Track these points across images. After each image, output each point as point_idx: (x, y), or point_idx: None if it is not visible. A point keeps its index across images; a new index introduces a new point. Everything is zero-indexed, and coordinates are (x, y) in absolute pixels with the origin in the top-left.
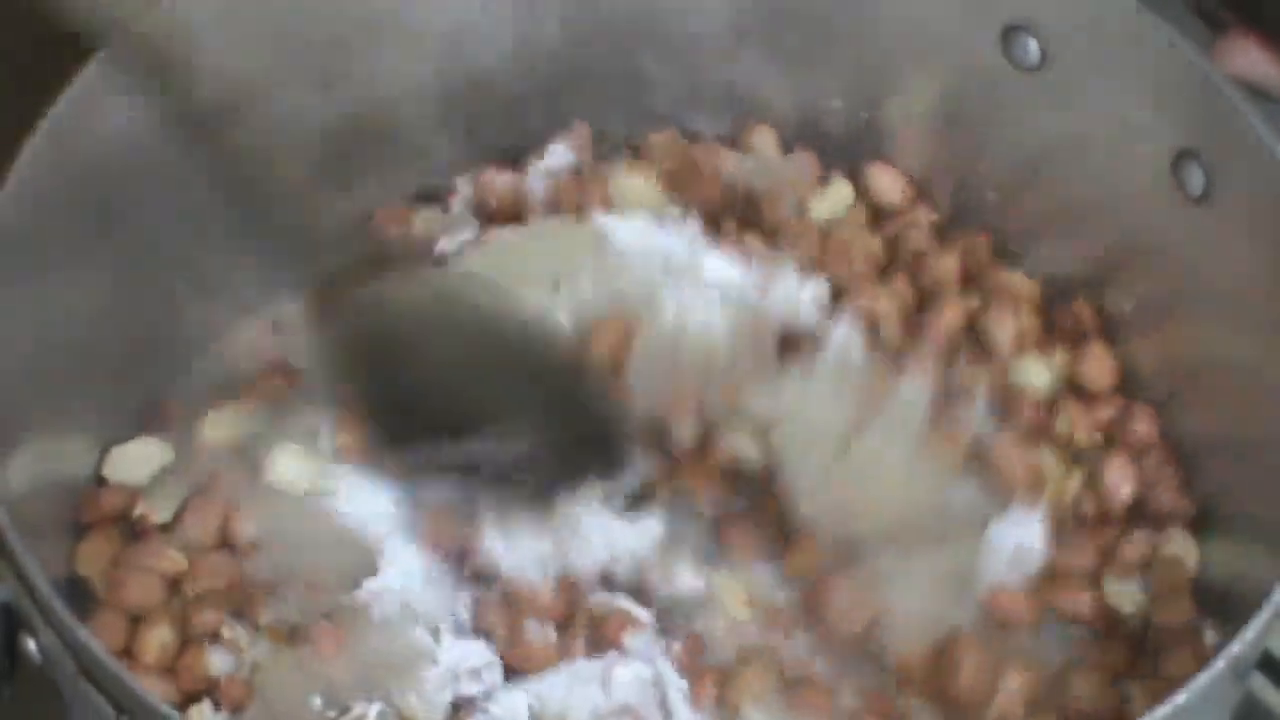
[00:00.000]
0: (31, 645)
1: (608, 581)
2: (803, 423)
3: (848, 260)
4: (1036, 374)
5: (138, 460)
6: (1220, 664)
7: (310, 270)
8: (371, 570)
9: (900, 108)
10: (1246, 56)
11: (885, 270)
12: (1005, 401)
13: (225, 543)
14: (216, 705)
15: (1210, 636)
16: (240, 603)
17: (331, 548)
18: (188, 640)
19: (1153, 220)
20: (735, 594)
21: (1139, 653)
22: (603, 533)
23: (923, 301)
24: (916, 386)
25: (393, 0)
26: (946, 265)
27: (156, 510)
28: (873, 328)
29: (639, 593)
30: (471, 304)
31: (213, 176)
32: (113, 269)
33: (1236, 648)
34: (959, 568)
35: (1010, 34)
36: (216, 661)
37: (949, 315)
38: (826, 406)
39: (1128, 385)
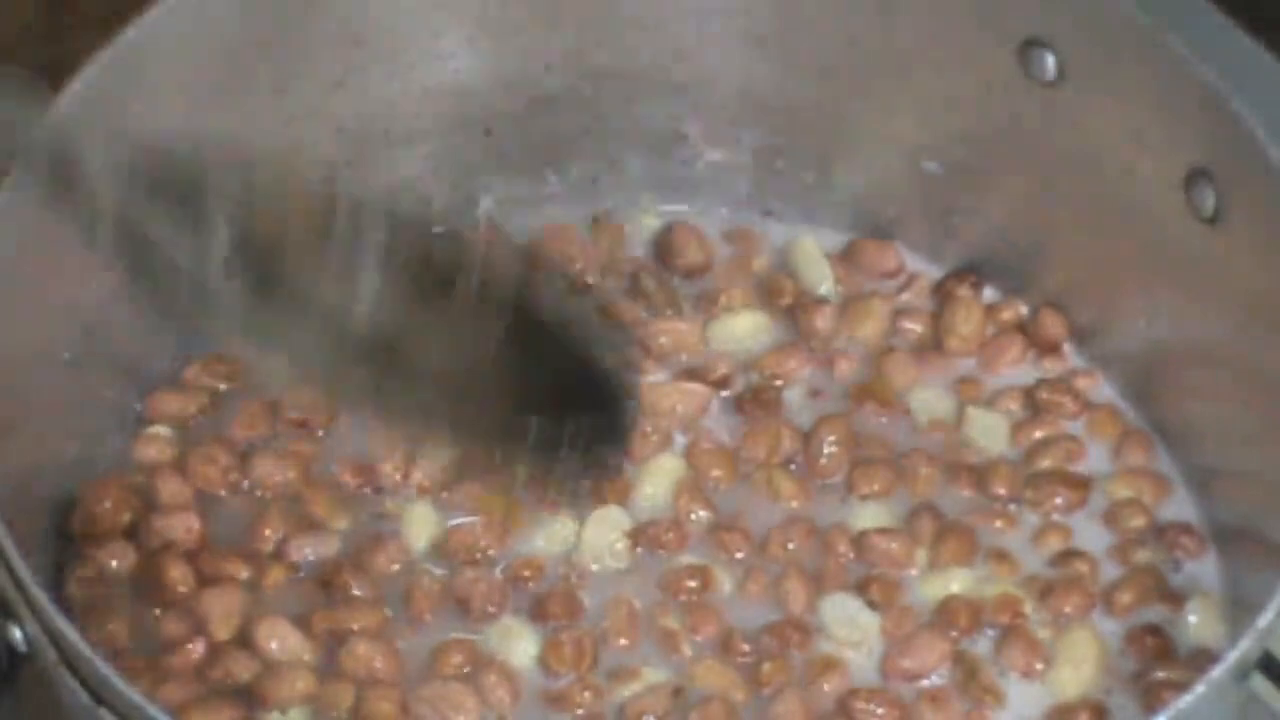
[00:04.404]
0: (17, 634)
1: None
2: None
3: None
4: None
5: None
6: (1223, 666)
7: None
8: None
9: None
10: None
11: None
12: None
13: None
14: None
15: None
16: None
17: None
18: None
19: (1164, 238)
20: None
21: None
22: None
23: None
24: None
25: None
26: None
27: None
28: None
29: None
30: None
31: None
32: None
33: (1239, 649)
34: None
35: (1028, 49)
36: None
37: None
38: None
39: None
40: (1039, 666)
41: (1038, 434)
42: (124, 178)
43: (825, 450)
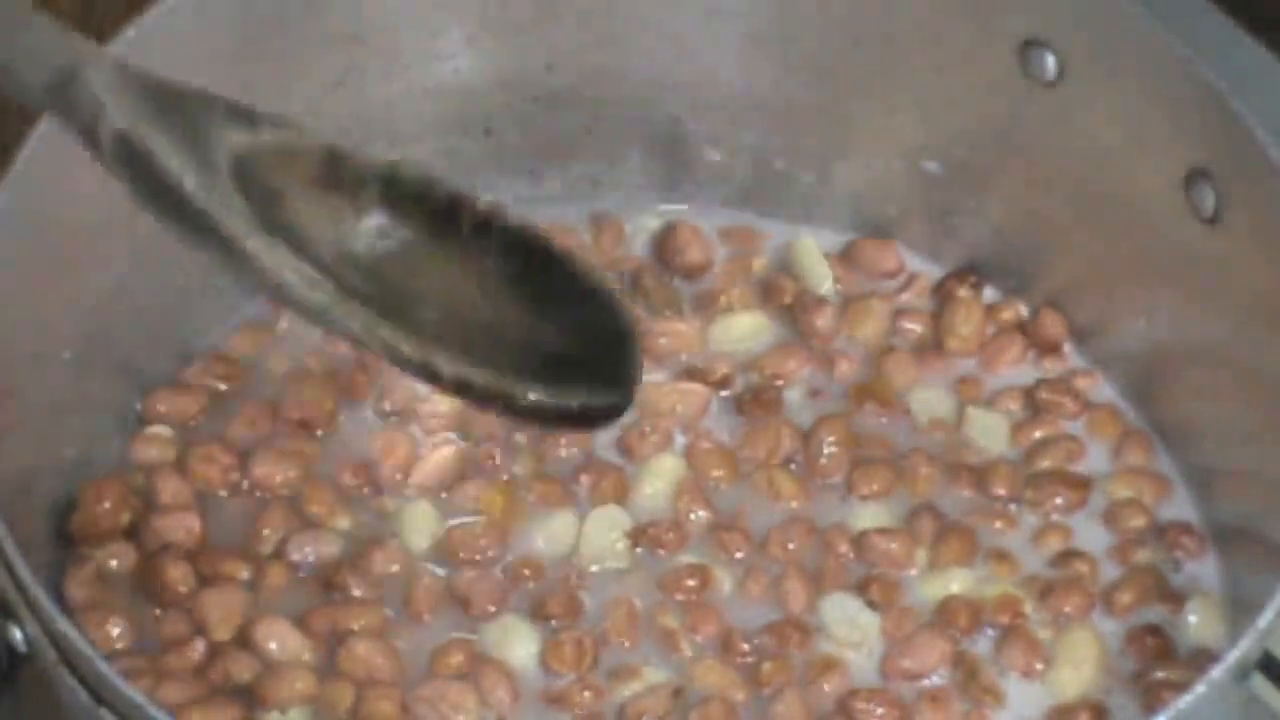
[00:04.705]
0: (17, 634)
1: None
2: None
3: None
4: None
5: None
6: (1223, 666)
7: None
8: None
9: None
10: None
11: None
12: None
13: None
14: None
15: None
16: None
17: None
18: None
19: (1164, 238)
20: None
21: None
22: None
23: None
24: None
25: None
26: None
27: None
28: None
29: None
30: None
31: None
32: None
33: (1239, 649)
34: None
35: (1028, 48)
36: None
37: None
38: None
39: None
40: (1039, 666)
41: (1038, 434)
42: (131, 97)
43: (825, 450)
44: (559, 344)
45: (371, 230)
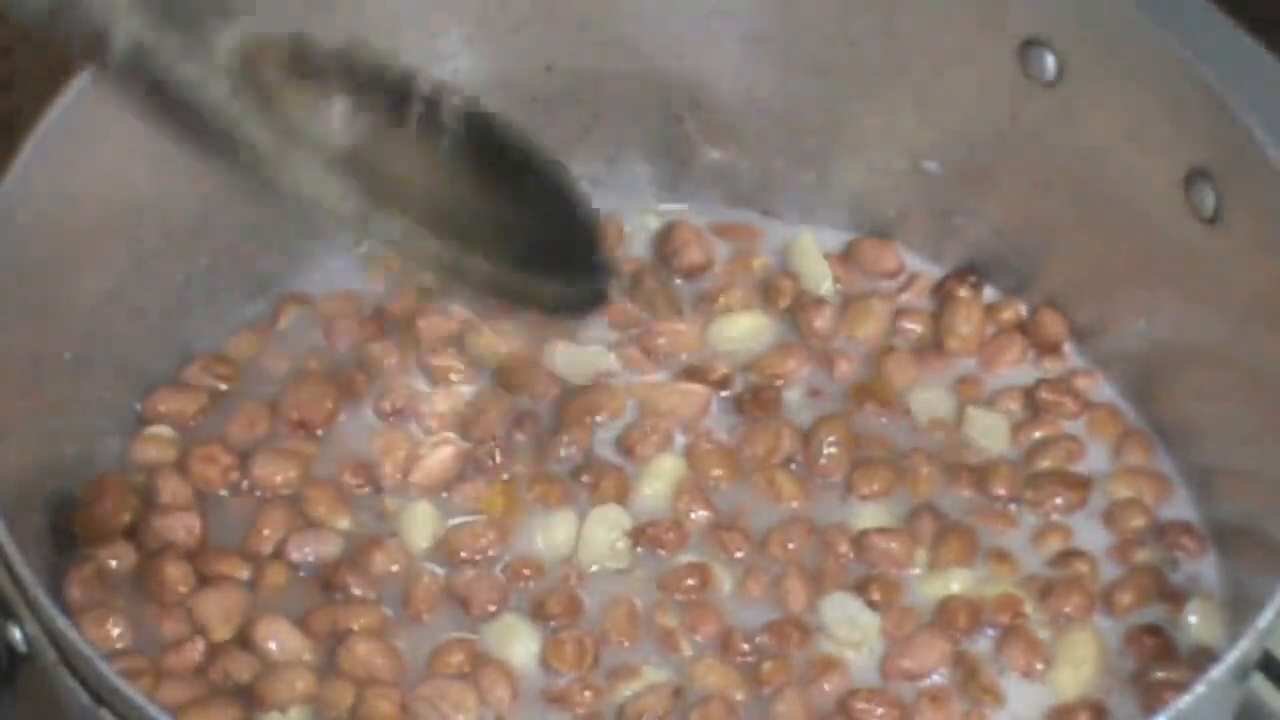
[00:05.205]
0: (17, 634)
1: None
2: None
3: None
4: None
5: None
6: (1223, 666)
7: None
8: None
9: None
10: None
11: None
12: None
13: None
14: None
15: None
16: None
17: None
18: None
19: (1164, 238)
20: None
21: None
22: None
23: None
24: None
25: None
26: None
27: None
28: None
29: None
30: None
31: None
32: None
33: (1239, 649)
34: None
35: (1028, 48)
36: None
37: None
38: None
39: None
40: (1039, 666)
41: (1038, 434)
42: (139, 4)
43: (825, 450)
44: (526, 234)
45: (338, 119)
